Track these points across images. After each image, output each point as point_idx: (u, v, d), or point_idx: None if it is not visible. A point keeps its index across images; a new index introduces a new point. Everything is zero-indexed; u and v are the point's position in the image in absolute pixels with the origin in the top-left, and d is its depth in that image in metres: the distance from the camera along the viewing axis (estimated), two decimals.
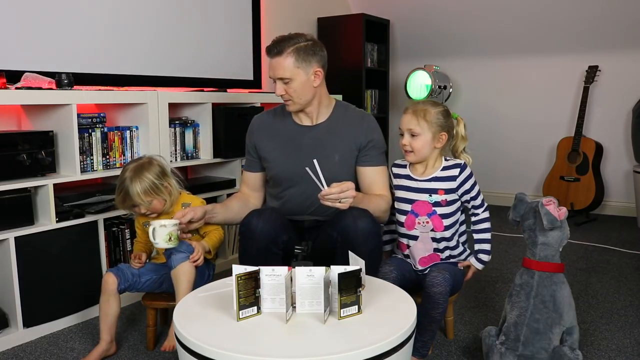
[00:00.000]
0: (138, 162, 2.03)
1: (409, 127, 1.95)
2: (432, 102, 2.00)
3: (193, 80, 3.30)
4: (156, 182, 1.98)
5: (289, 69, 1.91)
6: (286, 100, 1.98)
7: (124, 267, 2.03)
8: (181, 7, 3.24)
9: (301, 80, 1.93)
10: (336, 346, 1.26)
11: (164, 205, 2.02)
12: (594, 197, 4.05)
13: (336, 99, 2.12)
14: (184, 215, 1.91)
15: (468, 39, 4.67)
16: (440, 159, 2.00)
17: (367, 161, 2.04)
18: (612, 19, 4.06)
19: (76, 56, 2.72)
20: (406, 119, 1.97)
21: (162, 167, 2.04)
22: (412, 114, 1.95)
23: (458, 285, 1.95)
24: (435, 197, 1.95)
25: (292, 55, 1.90)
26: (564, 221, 1.74)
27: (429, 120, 1.92)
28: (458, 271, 1.97)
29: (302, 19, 4.43)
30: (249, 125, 2.17)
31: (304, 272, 1.42)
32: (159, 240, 1.88)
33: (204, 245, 2.00)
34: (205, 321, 1.41)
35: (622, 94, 4.19)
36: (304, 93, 1.95)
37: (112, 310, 1.97)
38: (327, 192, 1.73)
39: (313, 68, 1.95)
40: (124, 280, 1.98)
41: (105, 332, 1.98)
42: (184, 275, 1.90)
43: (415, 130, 1.93)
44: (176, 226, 1.89)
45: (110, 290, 1.96)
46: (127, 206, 2.02)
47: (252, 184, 2.19)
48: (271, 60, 1.94)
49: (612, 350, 2.03)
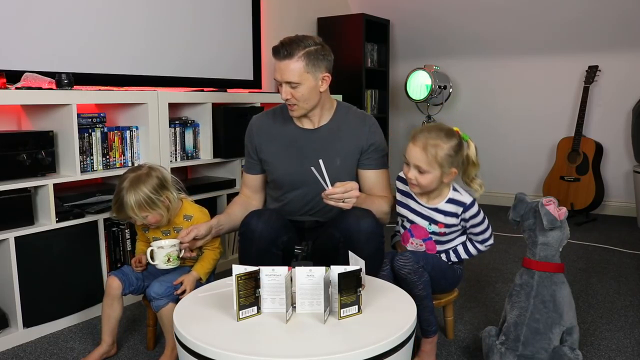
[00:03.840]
0: (137, 172, 1.94)
1: (416, 163, 1.81)
2: (445, 132, 1.82)
3: (193, 80, 3.30)
4: (152, 197, 1.88)
5: (298, 73, 1.86)
6: (291, 105, 1.94)
7: (128, 271, 2.00)
8: (181, 7, 3.24)
9: (309, 86, 1.89)
10: (336, 346, 1.26)
11: (160, 220, 1.95)
12: (594, 197, 4.05)
13: (337, 100, 2.11)
14: (187, 233, 1.88)
15: (468, 39, 4.67)
16: (448, 189, 1.90)
17: (368, 164, 2.04)
18: (612, 19, 4.05)
19: (76, 56, 2.72)
20: (414, 154, 1.82)
21: (161, 179, 1.95)
22: (422, 149, 1.79)
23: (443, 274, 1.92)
24: (434, 228, 1.91)
25: (303, 60, 1.85)
26: (564, 221, 1.74)
27: (440, 158, 1.79)
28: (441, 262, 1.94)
29: (302, 18, 4.43)
30: (248, 127, 2.13)
31: (304, 272, 1.42)
32: (157, 261, 1.88)
33: (194, 276, 1.94)
34: (205, 321, 1.41)
35: (622, 94, 4.19)
36: (310, 98, 1.92)
37: (115, 314, 1.96)
38: (331, 192, 1.73)
39: (322, 73, 1.91)
40: (128, 284, 1.96)
41: (107, 334, 1.97)
42: (167, 319, 1.86)
43: (424, 167, 1.80)
44: (175, 247, 1.88)
45: (114, 294, 1.94)
46: (123, 217, 1.98)
47: (253, 185, 2.18)
48: (279, 63, 1.87)
49: (612, 350, 2.03)
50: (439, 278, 1.90)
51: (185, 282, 1.90)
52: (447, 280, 1.96)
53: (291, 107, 1.95)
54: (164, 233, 2.02)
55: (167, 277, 1.93)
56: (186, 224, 2.01)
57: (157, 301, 1.87)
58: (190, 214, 2.04)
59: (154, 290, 1.87)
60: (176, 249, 1.89)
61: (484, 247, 1.95)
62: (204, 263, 1.99)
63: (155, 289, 1.87)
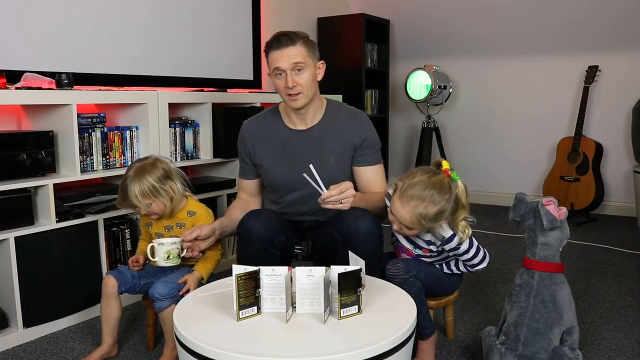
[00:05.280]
0: (143, 162, 1.99)
1: (403, 222, 1.72)
2: (437, 190, 1.67)
3: (193, 80, 3.30)
4: (156, 186, 1.93)
5: (302, 55, 1.90)
6: (296, 94, 1.92)
7: (123, 270, 2.01)
8: (181, 7, 3.24)
9: (312, 72, 1.94)
10: (336, 346, 1.26)
11: (164, 209, 1.97)
12: (594, 197, 4.05)
13: (327, 99, 2.11)
14: (190, 233, 1.89)
15: (468, 39, 4.67)
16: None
17: (363, 161, 2.04)
18: (612, 19, 4.05)
19: (76, 56, 2.72)
20: (401, 214, 1.70)
21: (167, 170, 1.99)
22: (409, 212, 1.68)
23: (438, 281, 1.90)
24: (419, 252, 1.89)
25: (303, 45, 1.91)
26: (564, 221, 1.74)
27: (428, 219, 1.68)
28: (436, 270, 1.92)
29: (302, 18, 4.43)
30: (240, 132, 2.12)
31: (304, 272, 1.42)
32: (157, 258, 1.89)
33: (197, 276, 1.95)
34: (205, 321, 1.41)
35: (622, 94, 4.19)
36: (312, 85, 1.95)
37: (113, 313, 1.96)
38: (327, 196, 1.73)
39: (318, 61, 1.97)
40: (124, 282, 1.97)
41: (107, 334, 1.97)
42: (169, 320, 1.86)
43: (410, 226, 1.72)
44: (176, 244, 1.88)
45: (110, 293, 1.94)
46: (127, 206, 2.01)
47: (250, 190, 2.18)
48: (282, 51, 1.88)
49: (612, 350, 2.03)
50: (434, 284, 1.89)
51: (189, 282, 1.91)
52: (443, 286, 1.94)
53: (295, 97, 1.93)
54: (167, 228, 2.03)
55: (171, 278, 1.93)
56: (189, 220, 2.03)
57: (160, 302, 1.86)
58: (194, 210, 2.06)
59: (157, 291, 1.86)
60: (177, 247, 1.89)
61: (474, 270, 1.88)
62: (206, 263, 1.99)
63: (159, 289, 1.86)
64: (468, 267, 1.87)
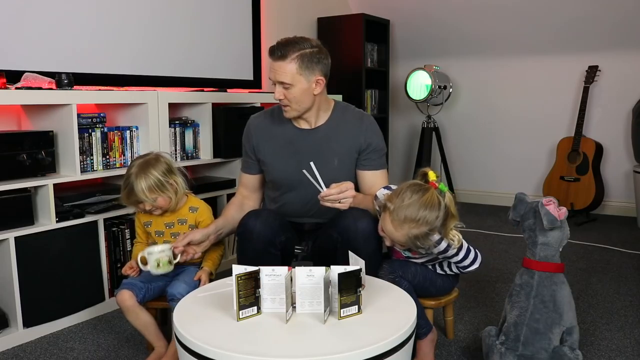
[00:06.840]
0: (145, 158, 2.01)
1: (393, 239, 1.73)
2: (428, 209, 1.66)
3: (193, 80, 3.30)
4: (161, 180, 1.96)
5: (290, 74, 1.86)
6: (284, 106, 1.95)
7: (131, 280, 1.98)
8: (181, 7, 3.24)
9: (301, 88, 1.88)
10: (336, 346, 1.26)
11: (169, 203, 2.00)
12: (594, 197, 4.05)
13: (335, 100, 2.10)
14: (182, 239, 1.90)
15: (468, 39, 4.67)
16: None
17: (367, 165, 2.03)
18: (612, 19, 4.05)
19: (76, 56, 2.72)
20: (392, 232, 1.70)
21: (169, 165, 2.03)
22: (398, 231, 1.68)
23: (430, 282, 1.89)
24: (408, 254, 1.89)
25: (296, 62, 1.85)
26: (564, 221, 1.74)
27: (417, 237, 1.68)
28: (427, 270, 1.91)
29: (302, 18, 4.43)
30: (246, 127, 2.13)
31: (304, 272, 1.42)
32: (149, 267, 1.88)
33: (207, 271, 1.98)
34: (205, 321, 1.41)
35: (622, 94, 4.19)
36: (302, 100, 1.91)
37: (145, 322, 1.92)
38: (327, 193, 1.73)
39: (315, 76, 1.90)
40: (138, 291, 1.93)
41: (154, 341, 1.93)
42: None
43: (401, 242, 1.74)
44: (164, 252, 1.87)
45: (130, 304, 1.90)
46: (132, 202, 2.00)
47: (250, 185, 2.18)
48: (273, 63, 1.88)
49: (612, 350, 2.03)
50: (425, 285, 1.88)
51: (202, 278, 1.95)
52: (436, 286, 1.92)
53: (284, 108, 1.96)
54: (168, 225, 2.04)
55: (187, 278, 1.94)
56: (192, 216, 2.06)
57: (173, 302, 1.84)
58: (196, 205, 2.09)
59: (178, 290, 1.85)
60: (166, 254, 1.88)
61: (466, 272, 1.87)
62: (212, 258, 2.04)
63: (180, 289, 1.86)
64: (459, 268, 1.87)
